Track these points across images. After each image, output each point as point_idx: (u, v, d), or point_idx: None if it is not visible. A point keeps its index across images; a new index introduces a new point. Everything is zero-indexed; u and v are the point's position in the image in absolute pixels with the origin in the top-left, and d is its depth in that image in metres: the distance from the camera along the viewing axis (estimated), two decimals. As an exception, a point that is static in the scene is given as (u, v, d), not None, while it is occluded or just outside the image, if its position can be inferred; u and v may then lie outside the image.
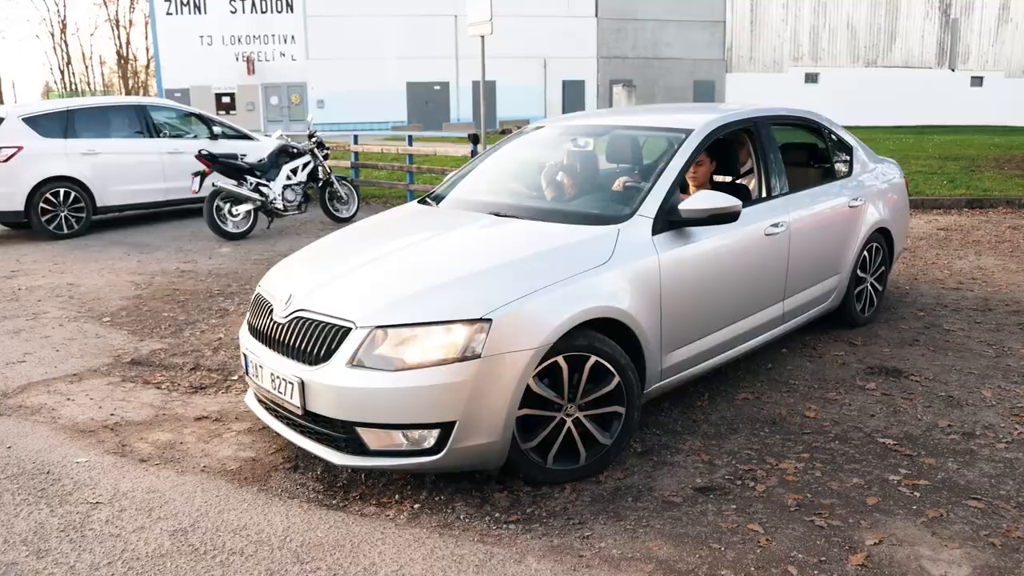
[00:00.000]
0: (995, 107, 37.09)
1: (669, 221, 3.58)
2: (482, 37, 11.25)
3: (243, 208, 9.15)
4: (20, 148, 9.27)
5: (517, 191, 4.44)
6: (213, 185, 9.14)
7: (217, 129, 11.12)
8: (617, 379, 3.19)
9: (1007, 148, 18.31)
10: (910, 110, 36.41)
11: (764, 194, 4.32)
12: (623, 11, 36.31)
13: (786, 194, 4.39)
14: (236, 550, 2.71)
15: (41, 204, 9.40)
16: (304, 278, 3.46)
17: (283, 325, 3.25)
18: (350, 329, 2.98)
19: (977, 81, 39.19)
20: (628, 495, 3.09)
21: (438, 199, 4.47)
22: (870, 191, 5.18)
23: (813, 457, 3.37)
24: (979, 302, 5.85)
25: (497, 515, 2.97)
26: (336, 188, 10.24)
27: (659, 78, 36.84)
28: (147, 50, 50.59)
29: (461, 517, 2.96)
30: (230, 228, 9.18)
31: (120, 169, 10.01)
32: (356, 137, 12.71)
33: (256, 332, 3.47)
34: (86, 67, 56.77)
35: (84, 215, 9.73)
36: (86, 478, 3.28)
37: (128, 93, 52.96)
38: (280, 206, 9.47)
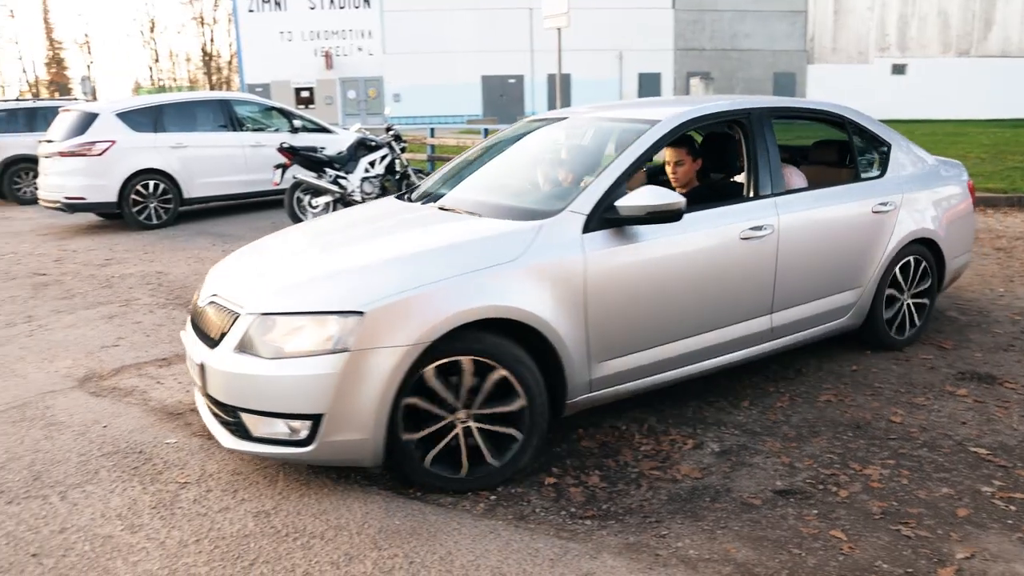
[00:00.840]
0: None
1: (607, 219, 3.33)
2: (558, 30, 11.20)
3: (322, 200, 9.35)
4: (114, 142, 9.69)
5: (477, 184, 4.20)
6: (294, 177, 9.38)
7: (297, 123, 11.39)
8: (522, 402, 3.04)
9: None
10: (1007, 102, 34.48)
11: (751, 194, 3.93)
12: (700, 2, 35.62)
13: (779, 194, 3.94)
14: (316, 533, 2.78)
15: (132, 196, 9.81)
16: (232, 267, 3.59)
17: (200, 310, 3.37)
18: (239, 315, 3.04)
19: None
20: (706, 495, 3.05)
21: (415, 192, 4.42)
22: (909, 195, 4.54)
23: (899, 464, 3.26)
24: (1080, 306, 5.56)
25: (572, 510, 2.96)
26: (412, 180, 10.37)
27: (737, 70, 36.05)
28: (230, 47, 52.12)
29: (536, 511, 2.97)
30: (310, 219, 9.40)
31: (206, 162, 10.37)
32: (432, 130, 12.86)
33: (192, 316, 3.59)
34: (172, 64, 58.83)
35: (172, 206, 10.11)
36: (175, 458, 3.41)
37: (212, 88, 54.68)
38: (358, 198, 9.64)
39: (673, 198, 3.26)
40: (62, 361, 4.81)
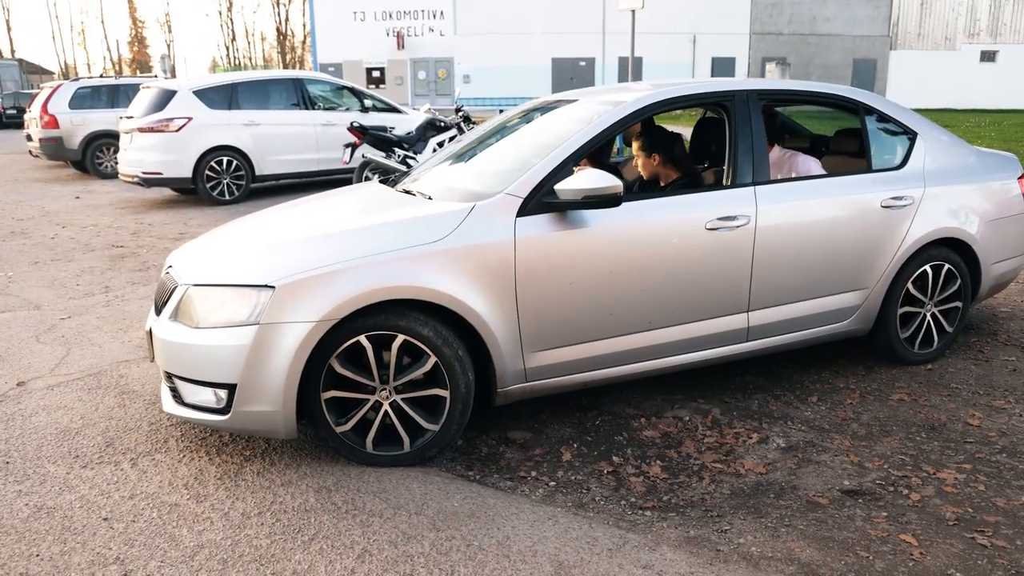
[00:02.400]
0: None
1: (547, 203, 3.21)
2: (632, 12, 11.03)
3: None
4: (190, 119, 9.94)
5: (449, 168, 4.08)
6: (363, 156, 9.48)
7: (368, 102, 11.50)
8: (433, 359, 3.05)
9: None
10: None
11: (729, 182, 3.67)
12: (779, -15, 34.64)
13: (762, 183, 3.66)
14: (376, 512, 2.80)
15: (206, 171, 10.06)
16: (198, 241, 3.68)
17: (160, 280, 3.46)
18: (177, 285, 3.17)
19: None
20: (770, 491, 2.97)
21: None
22: (934, 190, 4.10)
23: (976, 469, 3.12)
24: None
25: (632, 500, 2.93)
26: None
27: (815, 55, 35.01)
28: (304, 26, 53.02)
29: (596, 499, 2.94)
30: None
31: (278, 139, 10.56)
32: (501, 111, 12.83)
33: None
34: (248, 43, 60.22)
35: (244, 183, 10.34)
36: (240, 433, 3.48)
37: (285, 67, 55.69)
38: (425, 179, 9.70)
39: (610, 182, 3.14)
40: (136, 331, 4.97)
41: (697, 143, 4.35)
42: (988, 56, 35.08)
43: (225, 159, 10.16)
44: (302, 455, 3.25)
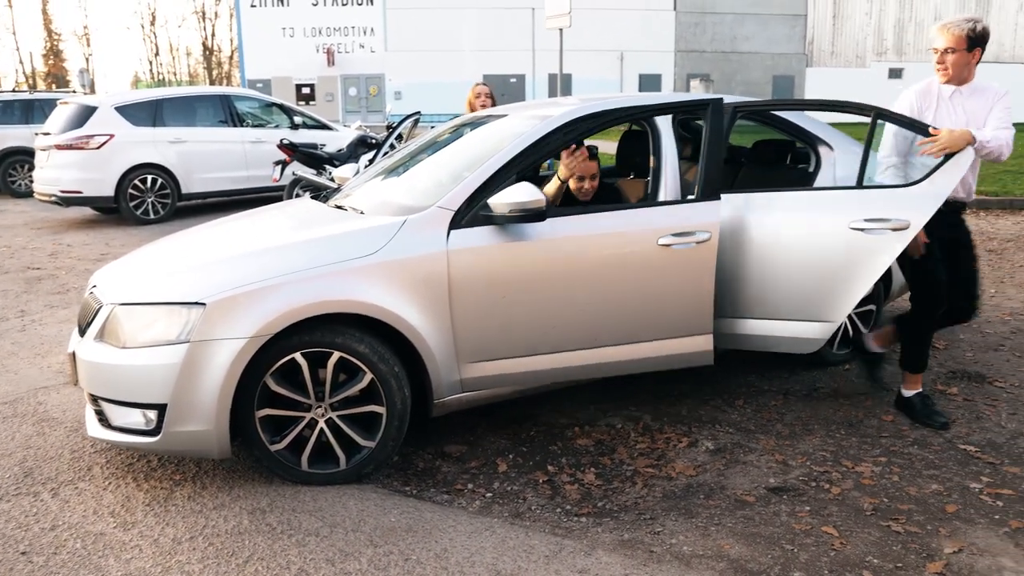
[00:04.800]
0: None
1: (481, 216, 3.22)
2: (560, 30, 11.22)
3: (321, 197, 9.35)
4: (112, 136, 9.69)
5: (381, 182, 4.08)
6: (293, 174, 9.39)
7: (298, 119, 11.40)
8: (369, 376, 3.05)
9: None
10: (1002, 106, 34.72)
11: (670, 196, 3.67)
12: (701, 5, 35.68)
13: (715, 199, 3.48)
14: (312, 531, 2.79)
15: (130, 190, 9.81)
16: (121, 261, 3.64)
17: (83, 301, 3.41)
18: (102, 305, 3.12)
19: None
20: (700, 492, 3.07)
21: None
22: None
23: (890, 461, 3.28)
24: (1073, 308, 5.59)
25: (568, 507, 2.98)
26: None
27: (737, 72, 36.11)
28: (231, 41, 52.11)
29: (532, 508, 2.99)
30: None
31: (205, 157, 10.37)
32: (433, 128, 12.85)
33: None
34: (173, 58, 58.79)
35: (170, 201, 10.11)
36: (170, 456, 3.41)
37: (212, 83, 54.66)
38: (356, 196, 9.66)
39: (533, 196, 3.12)
40: (55, 356, 4.82)
41: (622, 156, 4.46)
42: (895, 73, 36.79)
43: (149, 177, 9.93)
44: (235, 477, 3.21)
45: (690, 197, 3.53)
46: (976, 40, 3.39)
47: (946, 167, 3.41)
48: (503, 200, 3.17)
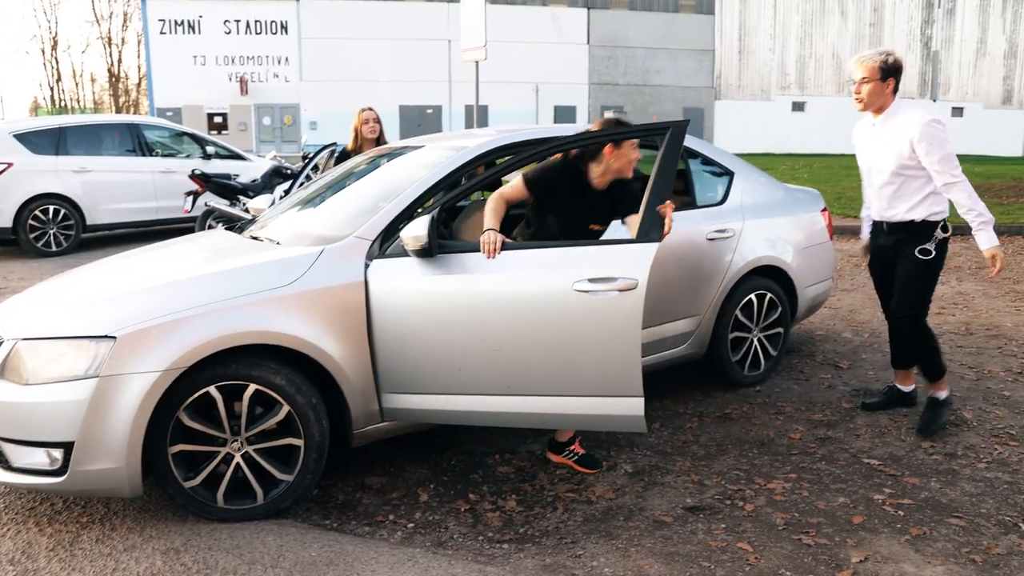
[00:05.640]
0: (975, 137, 37.54)
1: (397, 246, 3.20)
2: (476, 62, 11.36)
3: (235, 228, 9.17)
4: (10, 164, 9.30)
5: (297, 213, 4.06)
6: (206, 205, 9.18)
7: (210, 149, 11.17)
8: (286, 408, 2.99)
9: (986, 177, 18.57)
10: (895, 138, 36.86)
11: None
12: (614, 39, 36.75)
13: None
14: (229, 569, 2.71)
15: (30, 221, 9.41)
16: (24, 295, 3.51)
17: None
18: (2, 341, 2.98)
19: (958, 112, 39.79)
20: (620, 515, 3.12)
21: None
22: (752, 223, 4.45)
23: (800, 477, 3.42)
24: (960, 326, 5.94)
25: (490, 535, 2.99)
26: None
27: (649, 104, 37.21)
28: (139, 68, 50.59)
29: (454, 536, 2.98)
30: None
31: (111, 187, 10.05)
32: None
33: None
34: (76, 84, 56.57)
35: (73, 233, 9.74)
36: (76, 497, 3.27)
37: (119, 111, 52.99)
38: (272, 226, 9.49)
39: (421, 231, 3.04)
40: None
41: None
42: (798, 106, 38.63)
43: (51, 208, 9.54)
44: (147, 516, 3.09)
45: (623, 238, 3.21)
46: (889, 71, 3.60)
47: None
48: (403, 234, 3.12)
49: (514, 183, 3.46)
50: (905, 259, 3.77)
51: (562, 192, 3.44)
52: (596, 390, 3.07)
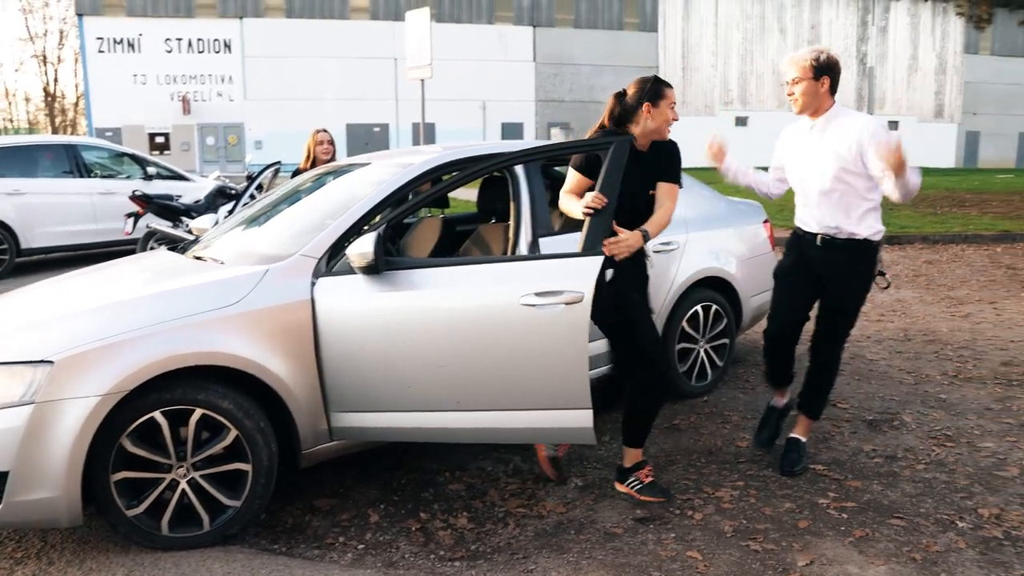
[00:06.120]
0: (910, 149, 38.85)
1: (345, 264, 3.17)
2: (422, 80, 11.39)
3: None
4: (-60, 189, 9.00)
5: (242, 232, 4.01)
6: (147, 226, 9.00)
7: (151, 169, 10.96)
8: (234, 432, 2.94)
9: (922, 188, 19.22)
10: (834, 152, 38.11)
11: (528, 240, 3.71)
12: (559, 56, 37.22)
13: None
14: (173, 596, 2.65)
15: (-39, 246, 9.12)
16: None
17: None
18: None
19: (893, 125, 41.13)
20: (571, 528, 3.13)
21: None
22: (696, 235, 4.54)
23: (748, 485, 3.47)
24: (898, 333, 6.12)
25: (442, 553, 2.97)
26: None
27: (595, 120, 37.61)
28: (76, 87, 49.44)
29: (406, 556, 2.96)
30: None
31: (48, 209, 9.79)
32: (293, 176, 12.64)
33: None
34: (9, 104, 54.98)
35: (7, 257, 9.45)
36: (12, 532, 3.16)
37: (55, 131, 51.65)
38: (216, 247, 9.35)
39: (368, 247, 3.02)
40: None
41: (483, 201, 4.57)
42: (741, 121, 39.60)
43: (-17, 232, 9.25)
44: (87, 548, 3.00)
45: (567, 252, 3.18)
46: (822, 68, 3.32)
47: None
48: (350, 251, 3.09)
49: (569, 178, 3.41)
50: (838, 282, 3.45)
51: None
52: (545, 404, 3.06)
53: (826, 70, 3.34)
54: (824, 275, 3.49)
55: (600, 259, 3.01)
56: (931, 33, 42.97)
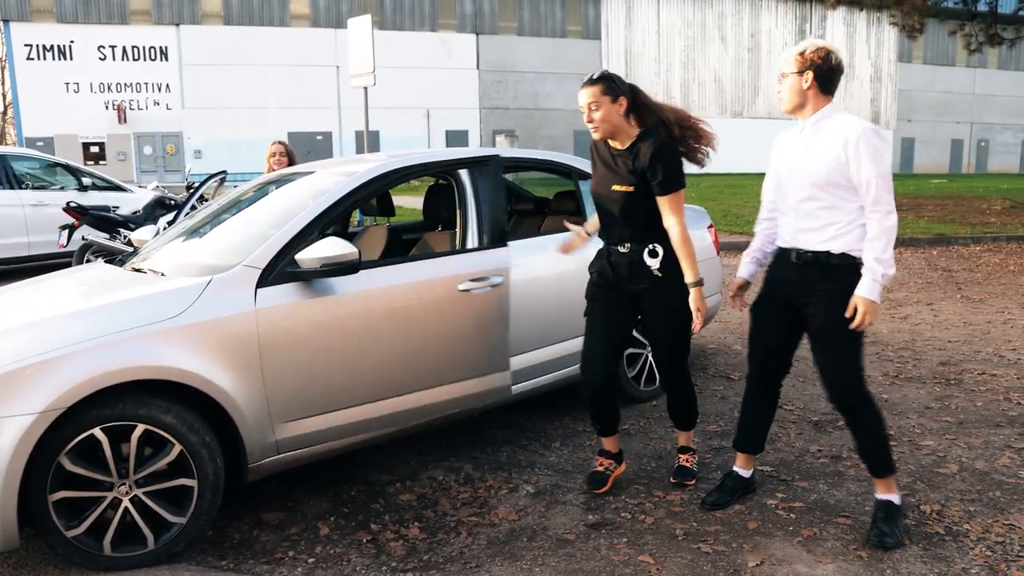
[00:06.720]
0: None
1: (290, 272, 3.20)
2: (364, 88, 11.30)
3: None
4: None
5: (183, 243, 3.95)
6: (83, 238, 8.73)
7: (87, 180, 10.64)
8: (178, 448, 2.87)
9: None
10: (774, 158, 39.08)
11: (473, 245, 3.86)
12: (503, 63, 37.34)
13: (503, 245, 3.87)
14: (116, 620, 2.56)
15: None
16: None
17: None
18: None
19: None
20: (523, 535, 3.12)
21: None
22: None
23: (697, 487, 3.51)
24: (841, 335, 6.26)
25: (394, 564, 2.93)
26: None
27: (540, 128, 37.91)
28: (3, 96, 47.78)
29: (357, 569, 2.91)
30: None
31: (-24, 223, 9.42)
32: (236, 187, 12.43)
33: None
34: (-68, 113, 52.81)
35: (-66, 272, 9.08)
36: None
37: (-16, 142, 49.82)
38: (156, 259, 9.11)
39: (346, 249, 3.16)
40: None
41: (429, 209, 4.55)
42: (683, 128, 40.32)
43: (-93, 247, 8.86)
44: (24, 571, 2.88)
45: (477, 245, 3.83)
46: (807, 63, 2.98)
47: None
48: (313, 255, 3.16)
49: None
50: (818, 307, 3.00)
51: (596, 160, 3.45)
52: (475, 372, 3.72)
53: (812, 66, 2.97)
54: (794, 299, 3.10)
55: (506, 249, 3.84)
56: (866, 41, 44.37)
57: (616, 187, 3.27)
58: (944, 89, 46.26)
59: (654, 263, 3.30)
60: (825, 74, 2.99)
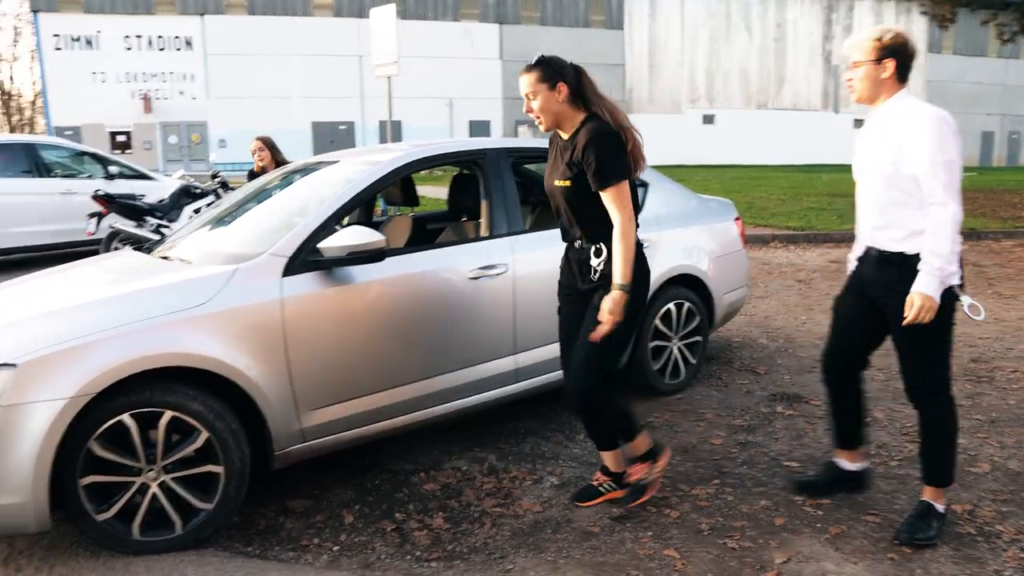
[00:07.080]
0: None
1: (313, 261, 3.22)
2: (388, 78, 11.31)
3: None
4: None
5: (209, 232, 3.99)
6: (111, 227, 8.83)
7: (114, 169, 10.76)
8: (206, 435, 2.89)
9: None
10: (799, 149, 38.63)
11: (487, 233, 3.90)
12: (526, 53, 36.85)
13: (515, 233, 3.89)
14: (144, 605, 2.59)
15: (-84, 248, 8.87)
16: None
17: None
18: None
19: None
20: (547, 527, 3.12)
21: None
22: (667, 233, 4.51)
23: (723, 483, 3.48)
24: (868, 329, 6.19)
25: (418, 554, 2.94)
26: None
27: (562, 118, 37.77)
28: (33, 85, 48.36)
29: (381, 557, 2.92)
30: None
31: (6, 210, 9.56)
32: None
33: None
34: (-38, 103, 53.58)
35: (-35, 259, 9.22)
36: (-24, 537, 3.07)
37: (12, 131, 50.48)
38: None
39: (373, 237, 3.18)
40: None
41: (454, 198, 4.55)
42: (708, 119, 39.93)
43: (-62, 233, 9.01)
44: (55, 554, 2.92)
45: (484, 235, 3.89)
46: (886, 51, 2.82)
47: None
48: (339, 244, 3.17)
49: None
50: (895, 310, 2.83)
51: (550, 151, 3.22)
52: (486, 357, 3.77)
53: (892, 53, 2.82)
54: (876, 298, 2.97)
55: (509, 240, 3.85)
56: (894, 32, 43.72)
57: (557, 182, 3.03)
58: (974, 80, 45.44)
59: (597, 262, 3.03)
60: (904, 61, 2.84)
